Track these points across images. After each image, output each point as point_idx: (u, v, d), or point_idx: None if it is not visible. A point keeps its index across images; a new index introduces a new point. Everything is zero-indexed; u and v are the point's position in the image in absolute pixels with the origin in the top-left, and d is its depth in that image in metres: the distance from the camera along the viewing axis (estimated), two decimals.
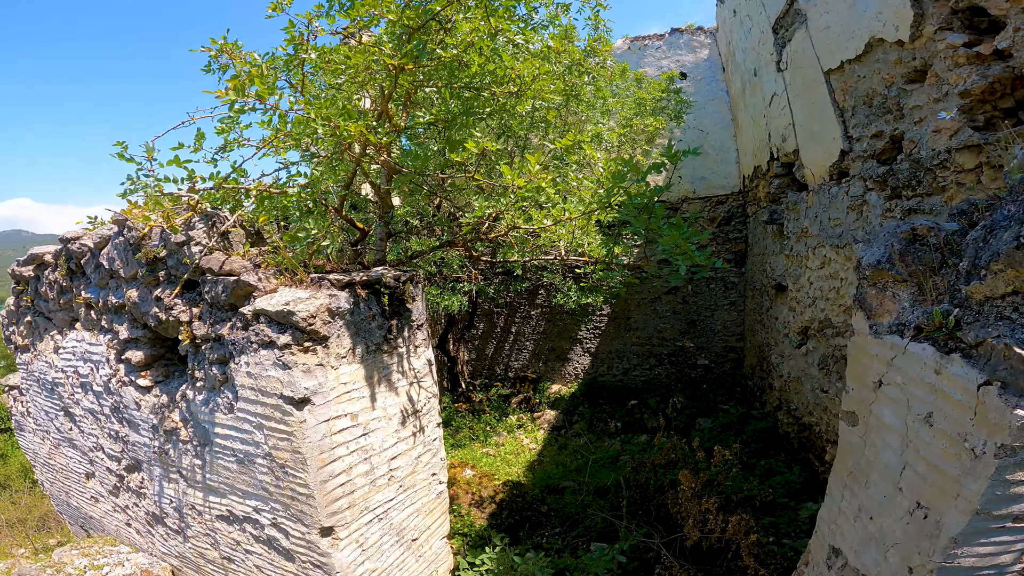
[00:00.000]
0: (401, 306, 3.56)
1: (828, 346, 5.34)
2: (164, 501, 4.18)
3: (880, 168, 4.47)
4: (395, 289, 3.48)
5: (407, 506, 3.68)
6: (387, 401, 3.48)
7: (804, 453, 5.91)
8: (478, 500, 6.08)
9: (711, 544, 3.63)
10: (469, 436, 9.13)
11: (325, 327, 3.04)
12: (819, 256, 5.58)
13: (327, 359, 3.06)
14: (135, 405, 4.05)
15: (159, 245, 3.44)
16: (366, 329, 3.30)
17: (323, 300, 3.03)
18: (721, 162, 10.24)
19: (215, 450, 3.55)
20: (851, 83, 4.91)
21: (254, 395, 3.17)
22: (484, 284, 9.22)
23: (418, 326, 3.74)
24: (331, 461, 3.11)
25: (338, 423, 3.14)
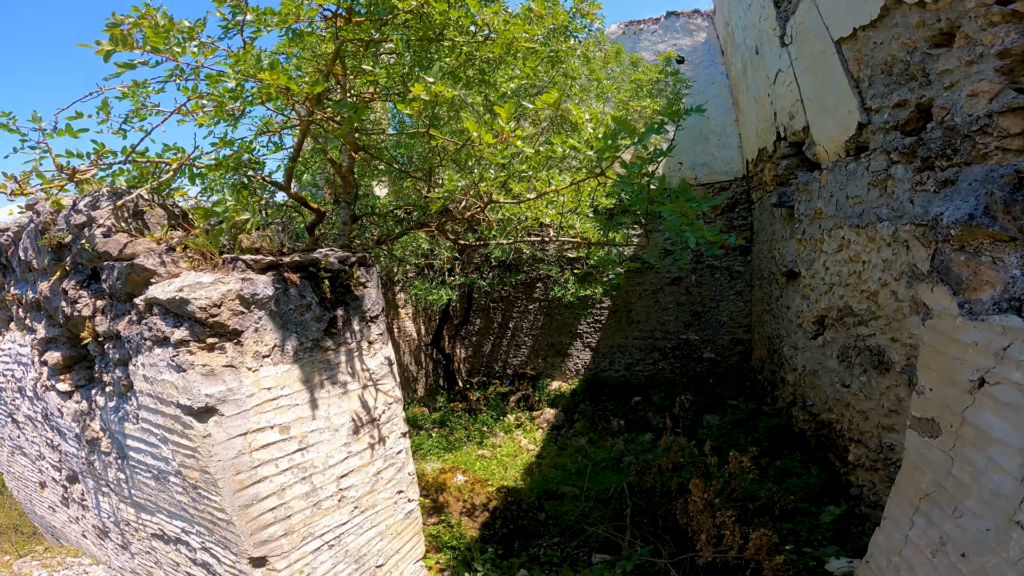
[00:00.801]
0: (348, 294, 3.01)
1: (849, 336, 4.90)
2: (103, 515, 3.74)
3: (906, 139, 4.03)
4: (339, 273, 2.92)
5: (366, 529, 3.15)
6: (332, 409, 2.93)
7: (822, 452, 5.48)
8: (470, 508, 5.65)
9: (726, 561, 3.21)
10: (465, 437, 8.71)
11: (235, 319, 2.50)
12: (836, 238, 5.13)
13: (241, 359, 2.52)
14: (58, 412, 3.60)
15: (64, 230, 2.94)
16: (298, 322, 2.75)
17: (232, 285, 2.49)
18: (722, 147, 9.79)
19: (131, 464, 3.07)
20: (866, 51, 4.47)
21: (153, 403, 2.67)
22: (476, 277, 8.78)
23: (371, 318, 3.19)
24: (254, 482, 2.59)
25: (261, 437, 2.61)
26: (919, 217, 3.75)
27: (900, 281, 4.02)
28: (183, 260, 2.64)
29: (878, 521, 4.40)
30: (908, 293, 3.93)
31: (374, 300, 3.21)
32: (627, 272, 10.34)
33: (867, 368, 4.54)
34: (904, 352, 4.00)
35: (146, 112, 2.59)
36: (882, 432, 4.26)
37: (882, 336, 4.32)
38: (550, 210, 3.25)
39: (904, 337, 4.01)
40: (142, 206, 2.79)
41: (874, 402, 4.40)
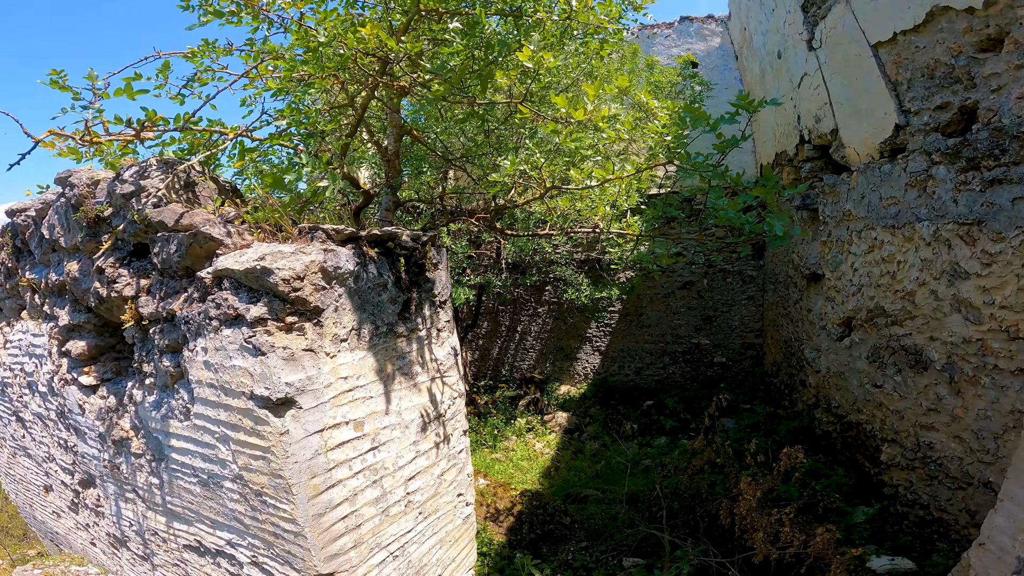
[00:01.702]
0: (420, 275, 2.78)
1: (880, 337, 4.89)
2: (123, 523, 3.47)
3: (948, 140, 4.06)
4: (413, 251, 2.72)
5: (428, 537, 2.92)
6: (403, 403, 2.70)
7: (849, 453, 5.45)
8: (494, 513, 5.57)
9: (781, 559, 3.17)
10: (475, 441, 8.62)
11: (318, 295, 2.23)
12: (866, 240, 5.13)
13: (320, 342, 2.25)
14: (79, 409, 3.30)
15: (104, 202, 2.71)
16: (375, 303, 2.50)
17: (315, 256, 2.24)
18: (736, 151, 9.83)
19: (172, 467, 2.81)
20: (906, 55, 4.52)
21: (215, 395, 2.39)
22: (491, 277, 8.72)
23: (441, 303, 2.96)
24: (328, 487, 2.32)
25: (337, 434, 2.36)
26: (963, 216, 3.76)
27: (940, 280, 4.02)
28: (248, 232, 2.45)
29: (916, 519, 4.39)
30: (949, 292, 3.93)
31: (444, 284, 3.00)
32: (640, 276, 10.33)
33: (902, 368, 4.52)
34: (944, 351, 3.99)
35: (209, 77, 2.50)
36: (920, 431, 4.24)
37: (919, 335, 4.31)
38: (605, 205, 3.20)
39: (944, 336, 4.00)
40: (194, 177, 2.60)
41: (910, 401, 4.39)
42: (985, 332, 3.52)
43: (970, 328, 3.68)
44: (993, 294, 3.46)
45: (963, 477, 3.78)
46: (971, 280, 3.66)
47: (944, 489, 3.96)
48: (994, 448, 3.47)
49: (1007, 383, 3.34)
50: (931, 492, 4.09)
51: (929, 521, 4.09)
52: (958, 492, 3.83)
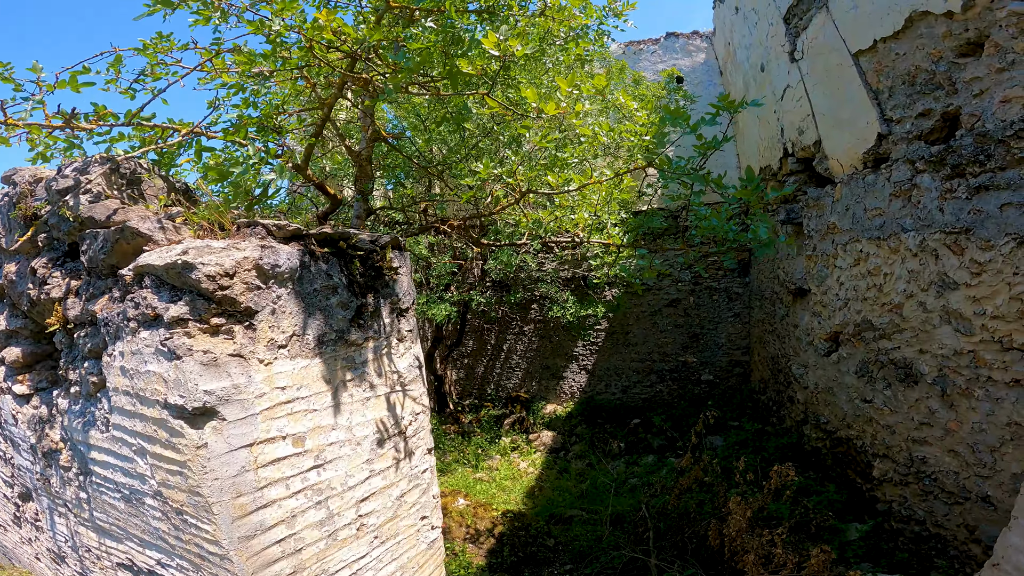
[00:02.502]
0: (378, 279, 2.59)
1: (868, 351, 4.79)
2: (59, 539, 3.25)
3: (932, 148, 4.02)
4: (369, 253, 2.54)
5: (387, 563, 2.69)
6: (355, 417, 2.48)
7: (840, 469, 5.31)
8: (474, 534, 5.33)
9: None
10: (459, 460, 8.36)
11: (250, 295, 2.03)
12: (852, 252, 5.07)
13: (252, 347, 2.05)
14: (12, 419, 3.11)
15: (43, 200, 2.53)
16: (322, 307, 2.31)
17: (249, 252, 2.04)
18: (720, 167, 9.85)
19: (95, 481, 2.61)
20: (887, 62, 4.51)
21: (131, 404, 2.17)
22: (475, 294, 8.57)
23: (403, 310, 2.76)
24: (259, 507, 2.10)
25: (271, 449, 2.13)
26: (950, 225, 3.69)
27: (929, 291, 3.94)
28: (186, 228, 2.26)
29: (912, 536, 4.24)
30: (938, 303, 3.84)
31: (406, 290, 2.82)
32: (626, 294, 10.24)
33: (892, 382, 4.42)
34: (935, 363, 3.89)
35: (163, 71, 2.35)
36: (912, 446, 4.12)
37: (908, 349, 4.21)
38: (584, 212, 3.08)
39: (934, 348, 3.90)
40: (140, 174, 2.42)
41: (902, 416, 4.27)
42: (977, 343, 3.43)
43: (961, 340, 3.58)
44: (984, 304, 3.37)
45: (960, 492, 3.65)
46: (960, 290, 3.58)
47: (940, 504, 3.82)
48: (991, 461, 3.35)
49: (1002, 395, 3.24)
50: (927, 507, 3.95)
51: (926, 537, 3.94)
52: (955, 507, 3.70)
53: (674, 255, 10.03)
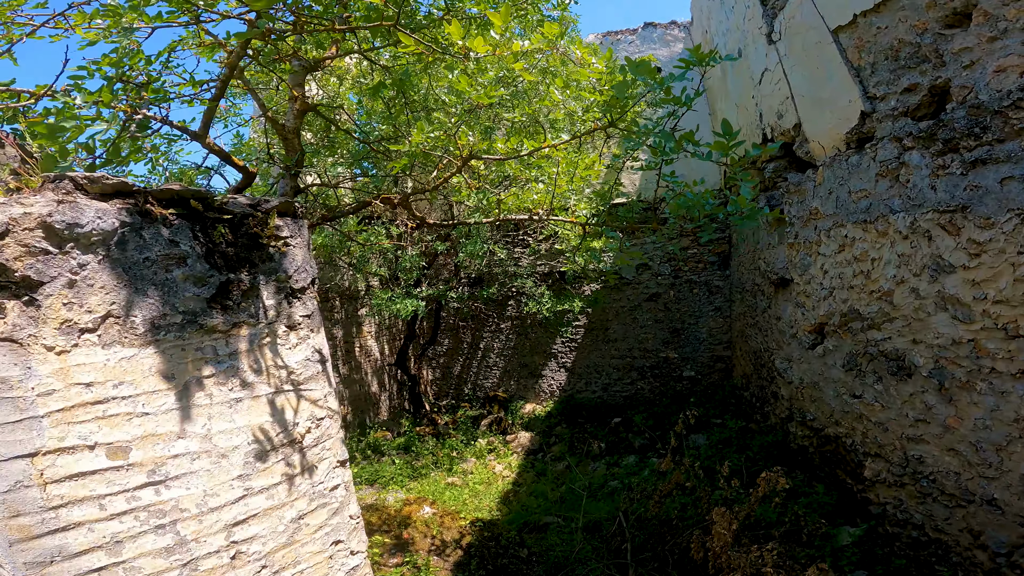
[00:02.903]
0: (257, 251, 2.16)
1: (856, 342, 4.52)
2: None
3: (920, 124, 3.75)
4: (244, 219, 2.09)
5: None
6: (216, 423, 2.06)
7: (828, 469, 5.04)
8: (439, 546, 4.94)
9: None
10: (432, 464, 7.97)
11: (32, 261, 1.65)
12: (836, 238, 4.80)
13: (35, 330, 1.66)
14: None
15: None
16: (159, 281, 1.89)
17: (37, 208, 1.65)
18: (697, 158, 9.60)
19: None
20: (868, 37, 4.25)
21: None
22: (445, 289, 8.17)
23: (295, 291, 2.33)
24: (52, 530, 1.71)
25: (68, 461, 1.74)
26: (944, 203, 3.41)
27: (922, 276, 3.66)
28: None
29: (909, 541, 3.96)
30: (932, 289, 3.56)
31: (300, 265, 2.33)
32: (604, 288, 9.94)
33: (883, 375, 4.14)
34: (930, 355, 3.61)
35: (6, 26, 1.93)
36: (907, 444, 3.84)
37: (900, 339, 3.93)
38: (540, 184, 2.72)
39: (929, 338, 3.62)
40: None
41: (894, 412, 3.99)
42: (978, 331, 3.15)
43: (959, 328, 3.30)
44: (984, 288, 3.09)
45: (962, 494, 3.37)
46: (957, 274, 3.29)
47: (940, 507, 3.55)
48: (997, 461, 3.07)
49: (1008, 388, 2.96)
50: (925, 511, 3.67)
51: (924, 543, 3.66)
52: (957, 511, 3.42)
53: (653, 247, 9.75)
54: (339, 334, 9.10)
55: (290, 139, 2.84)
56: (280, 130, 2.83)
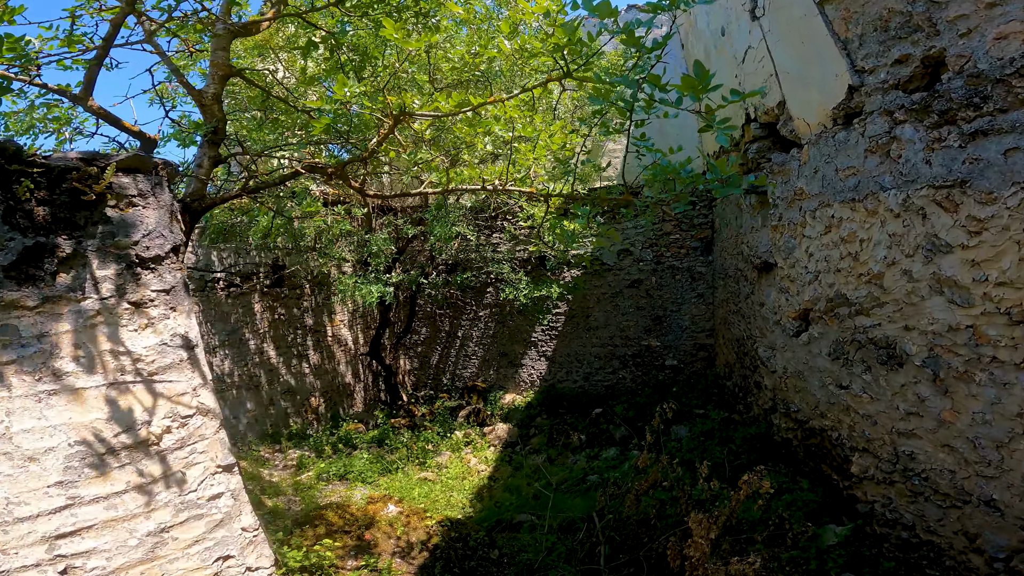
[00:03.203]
0: (84, 212, 1.79)
1: (843, 329, 4.27)
2: None
3: (912, 96, 3.48)
4: (64, 173, 1.74)
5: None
6: (19, 420, 1.73)
7: (813, 463, 4.82)
8: (404, 547, 4.65)
9: None
10: (406, 457, 7.66)
11: None
12: (822, 219, 4.53)
13: None
14: None
15: None
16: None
17: None
18: (681, 140, 9.30)
19: None
20: (856, 8, 3.98)
21: None
22: (418, 274, 7.83)
23: (142, 260, 1.97)
24: None
25: None
26: (941, 178, 3.14)
27: (915, 257, 3.40)
28: None
29: (898, 542, 3.73)
30: (927, 271, 3.31)
31: (153, 230, 1.96)
32: (584, 274, 9.66)
33: (872, 364, 3.90)
34: (924, 342, 3.37)
35: None
36: (898, 439, 3.61)
37: (891, 325, 3.69)
38: (486, 141, 2.38)
39: (923, 324, 3.37)
40: None
41: (884, 404, 3.75)
42: (977, 317, 2.89)
43: (957, 313, 3.05)
44: (985, 268, 2.83)
45: (957, 494, 3.14)
46: (955, 253, 3.03)
47: (932, 507, 3.32)
48: (997, 460, 2.83)
49: (1011, 378, 2.71)
50: (916, 510, 3.45)
51: (916, 544, 3.44)
52: (951, 511, 3.19)
53: (634, 232, 9.47)
54: (309, 322, 8.72)
55: (208, 106, 2.48)
56: (197, 96, 2.47)
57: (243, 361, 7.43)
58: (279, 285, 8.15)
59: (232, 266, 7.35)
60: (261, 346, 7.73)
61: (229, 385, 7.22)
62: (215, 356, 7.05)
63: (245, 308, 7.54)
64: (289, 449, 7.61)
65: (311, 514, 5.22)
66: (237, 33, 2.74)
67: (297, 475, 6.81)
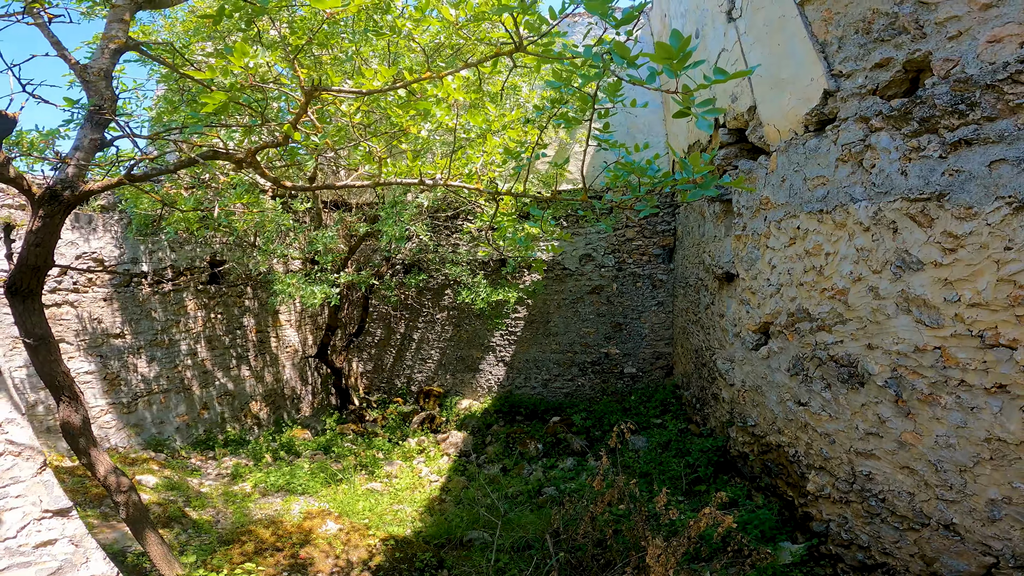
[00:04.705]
0: None
1: (803, 345, 4.15)
2: None
3: (890, 103, 3.36)
4: None
5: None
6: None
7: (769, 479, 4.70)
8: (343, 567, 4.28)
9: None
10: (354, 466, 7.23)
11: None
12: (788, 230, 4.41)
13: None
14: None
15: None
16: None
17: None
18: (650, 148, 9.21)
19: None
20: (838, 9, 3.87)
21: None
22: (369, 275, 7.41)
23: None
24: None
25: None
26: (916, 190, 3.01)
27: (882, 273, 3.28)
28: None
29: (854, 563, 3.59)
30: (895, 288, 3.18)
31: None
32: (545, 279, 9.43)
33: (831, 382, 3.77)
34: (888, 362, 3.24)
35: None
36: (855, 459, 3.48)
37: (853, 343, 3.56)
38: (425, 126, 2.06)
39: (887, 343, 3.25)
40: None
41: (843, 423, 3.63)
42: (947, 338, 2.76)
43: (924, 333, 2.92)
44: (959, 288, 2.70)
45: (915, 516, 3.02)
46: (926, 271, 2.91)
47: (889, 529, 3.20)
48: (960, 484, 2.71)
49: (980, 403, 2.58)
50: (872, 532, 3.32)
51: (871, 566, 3.32)
52: (908, 533, 3.07)
53: (597, 238, 9.30)
54: (250, 322, 8.16)
55: (92, 82, 2.10)
56: (80, 71, 2.09)
57: (172, 364, 6.84)
58: (216, 282, 7.58)
59: (161, 261, 6.75)
60: (194, 347, 7.15)
61: (154, 390, 6.63)
62: (139, 358, 6.46)
63: (177, 306, 6.95)
64: (224, 457, 7.05)
65: (239, 530, 4.77)
66: (142, 4, 2.35)
67: (230, 486, 6.28)
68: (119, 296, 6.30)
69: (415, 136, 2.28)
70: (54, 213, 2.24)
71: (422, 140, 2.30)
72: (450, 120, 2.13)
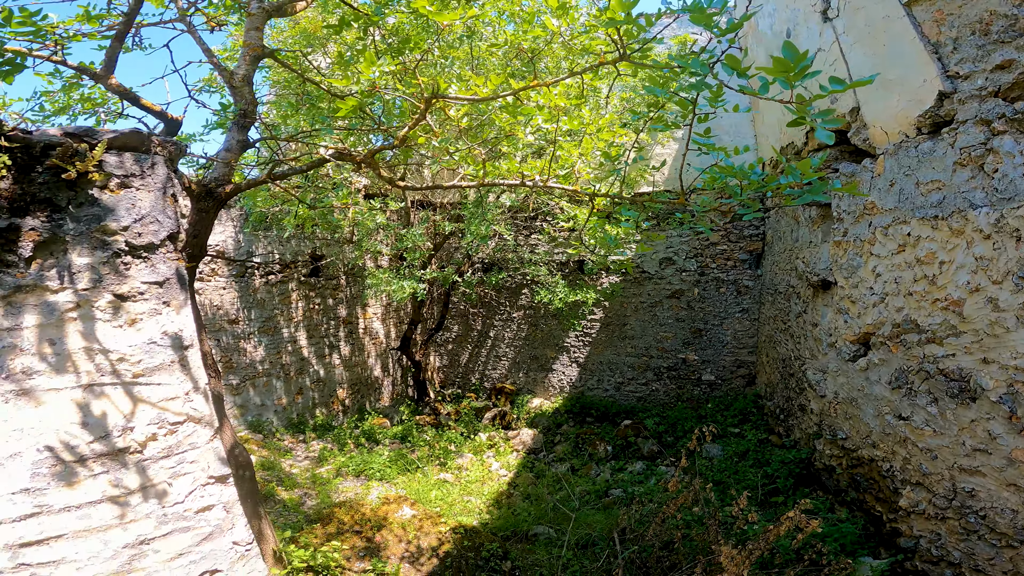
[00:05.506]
0: (70, 193, 1.64)
1: (909, 357, 3.89)
2: None
3: (1014, 105, 3.12)
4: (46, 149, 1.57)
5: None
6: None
7: (856, 493, 4.45)
8: (414, 553, 4.49)
9: None
10: (427, 456, 7.53)
11: None
12: (896, 236, 4.15)
13: None
14: None
15: None
16: None
17: None
18: (741, 150, 8.89)
19: None
20: (950, 10, 3.64)
21: None
22: (452, 271, 7.69)
23: (132, 249, 1.79)
24: None
25: None
26: None
27: (1004, 284, 3.03)
28: None
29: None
30: (1017, 300, 2.93)
31: (147, 215, 1.78)
32: (623, 282, 9.35)
33: (939, 397, 3.52)
34: (1004, 377, 3.00)
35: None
36: (958, 475, 3.25)
37: (967, 357, 3.31)
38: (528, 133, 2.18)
39: (1004, 358, 3.00)
40: None
41: (948, 438, 3.39)
42: None
43: None
44: None
45: (1016, 534, 2.88)
46: None
47: (985, 546, 3.03)
48: None
49: None
50: (966, 548, 3.14)
51: None
52: (1005, 551, 2.90)
53: (679, 240, 9.10)
54: (343, 313, 8.72)
55: (238, 87, 2.39)
56: (228, 77, 2.38)
57: (276, 349, 7.46)
58: (316, 275, 8.17)
59: (270, 254, 7.39)
60: (295, 335, 7.75)
61: (260, 372, 7.25)
62: (249, 343, 7.10)
63: (282, 296, 7.58)
64: (312, 440, 7.58)
65: (323, 511, 5.13)
66: (272, 13, 2.64)
67: (316, 468, 6.75)
68: (236, 286, 6.96)
69: (520, 139, 2.40)
70: (209, 208, 2.56)
71: (524, 143, 2.42)
72: (550, 124, 2.24)
